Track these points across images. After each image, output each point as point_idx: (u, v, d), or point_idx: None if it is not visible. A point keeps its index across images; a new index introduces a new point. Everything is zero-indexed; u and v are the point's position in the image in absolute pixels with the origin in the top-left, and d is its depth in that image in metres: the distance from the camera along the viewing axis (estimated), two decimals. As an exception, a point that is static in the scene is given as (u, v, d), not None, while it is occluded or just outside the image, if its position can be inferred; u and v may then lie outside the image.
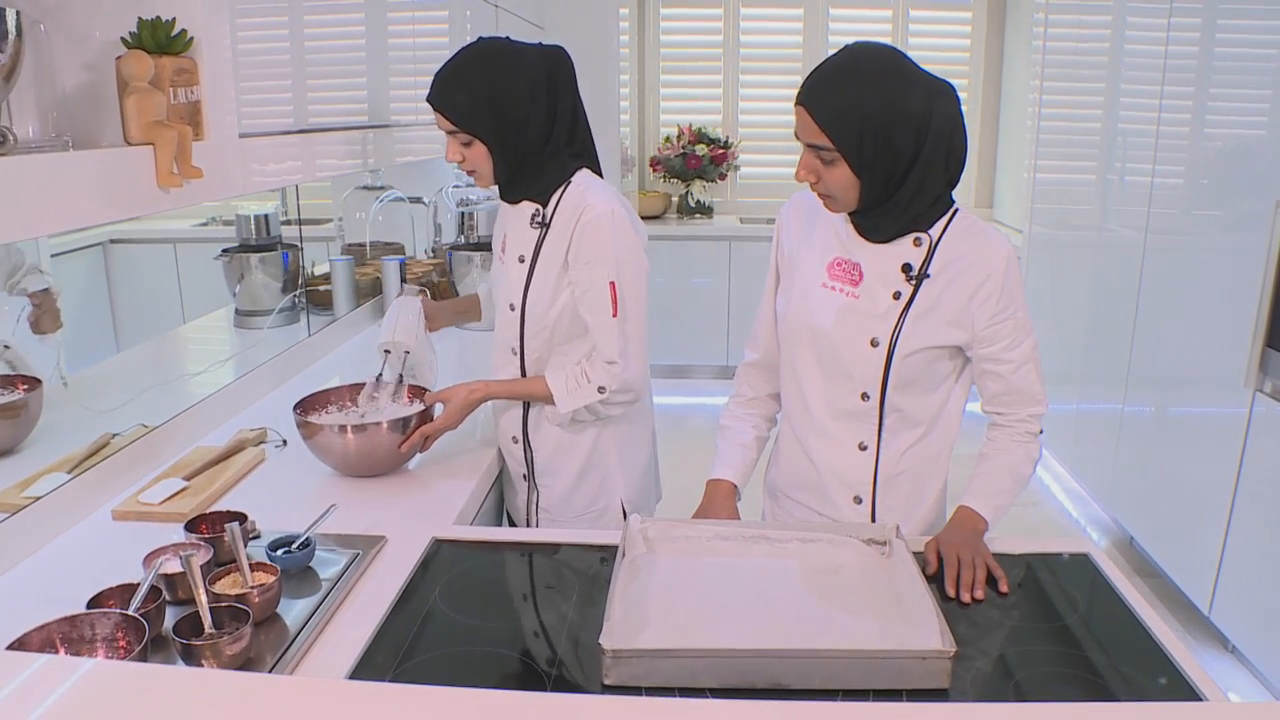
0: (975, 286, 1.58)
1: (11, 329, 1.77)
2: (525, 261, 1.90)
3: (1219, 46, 3.17)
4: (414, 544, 1.59)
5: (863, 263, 1.62)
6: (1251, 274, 2.83)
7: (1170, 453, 3.43)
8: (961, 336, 1.61)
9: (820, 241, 1.68)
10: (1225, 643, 3.11)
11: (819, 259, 1.67)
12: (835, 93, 1.48)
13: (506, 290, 1.94)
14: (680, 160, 5.91)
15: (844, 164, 1.51)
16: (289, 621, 1.35)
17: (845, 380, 1.65)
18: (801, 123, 1.52)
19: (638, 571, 1.43)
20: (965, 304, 1.59)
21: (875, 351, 1.61)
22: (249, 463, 1.95)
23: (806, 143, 1.53)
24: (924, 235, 1.59)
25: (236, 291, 2.73)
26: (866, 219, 1.60)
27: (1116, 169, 3.95)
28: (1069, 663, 1.30)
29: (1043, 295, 4.74)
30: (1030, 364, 1.65)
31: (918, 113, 1.48)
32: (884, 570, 1.46)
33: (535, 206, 1.89)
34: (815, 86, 1.50)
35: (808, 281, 1.67)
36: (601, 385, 1.87)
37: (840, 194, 1.55)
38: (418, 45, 2.56)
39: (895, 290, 1.60)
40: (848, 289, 1.63)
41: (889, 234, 1.60)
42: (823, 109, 1.48)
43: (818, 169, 1.54)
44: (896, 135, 1.48)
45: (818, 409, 1.70)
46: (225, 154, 1.47)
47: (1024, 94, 5.46)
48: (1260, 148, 2.88)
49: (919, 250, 1.59)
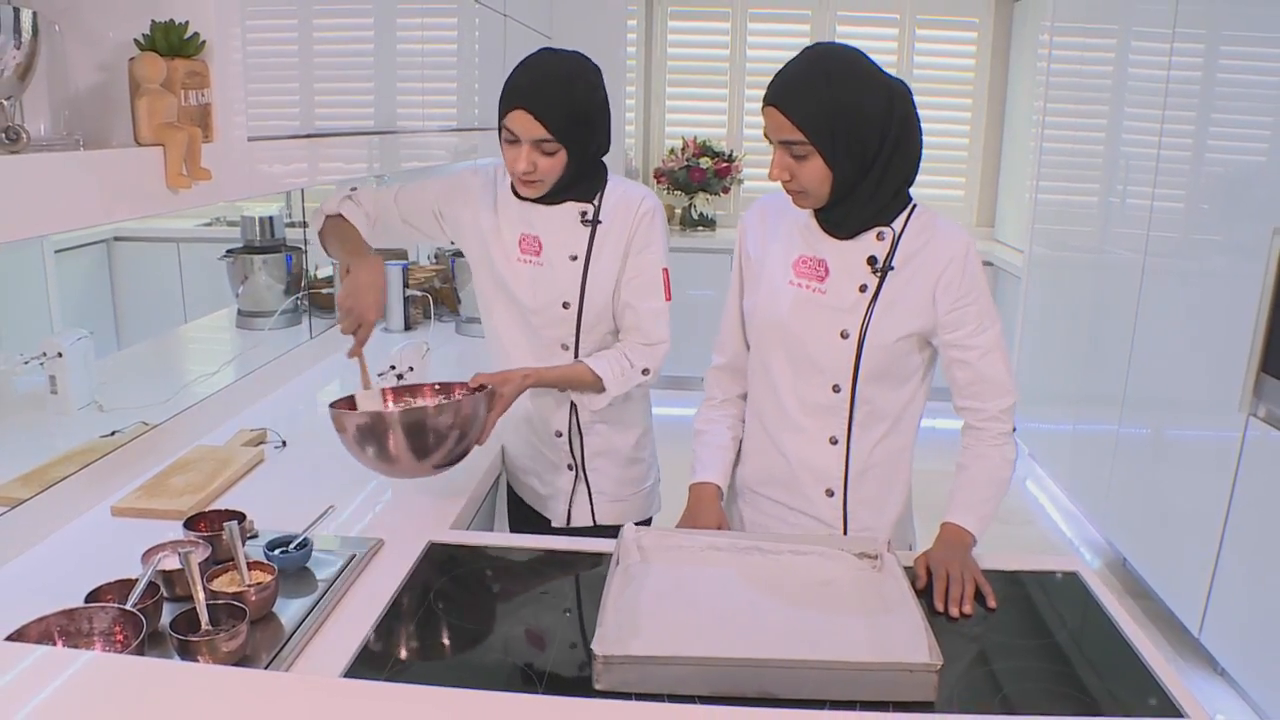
0: (937, 274, 1.64)
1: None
2: (579, 259, 1.92)
3: (1221, 73, 3.19)
4: (410, 547, 1.61)
5: (828, 259, 1.67)
6: (1247, 299, 2.85)
7: (1164, 475, 3.44)
8: (928, 325, 1.67)
9: (785, 241, 1.73)
10: (1215, 665, 3.12)
11: (784, 258, 1.72)
12: (806, 90, 1.54)
13: (553, 289, 1.93)
14: (684, 173, 5.93)
15: (817, 157, 1.56)
16: (285, 620, 1.36)
17: (816, 374, 1.70)
18: (773, 122, 1.57)
19: (631, 579, 1.44)
20: (929, 292, 1.65)
21: (846, 343, 1.66)
22: (248, 462, 1.96)
23: (779, 141, 1.58)
24: (886, 229, 1.65)
25: (239, 292, 2.75)
26: (833, 214, 1.65)
27: (1118, 191, 3.97)
28: (1055, 679, 1.31)
29: (1042, 315, 4.77)
30: (997, 352, 1.69)
31: (881, 108, 1.56)
32: (874, 584, 1.47)
33: (582, 206, 1.91)
34: (785, 86, 1.56)
35: (775, 280, 1.72)
36: (646, 367, 1.95)
37: (814, 188, 1.60)
38: (426, 52, 2.58)
39: (861, 283, 1.65)
40: (814, 285, 1.68)
41: (854, 229, 1.65)
42: (795, 106, 1.54)
43: (791, 166, 1.59)
44: (863, 128, 1.55)
45: (789, 404, 1.74)
46: (234, 156, 1.49)
47: (1027, 114, 5.49)
48: (1260, 174, 2.90)
49: (882, 244, 1.65)
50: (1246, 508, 2.90)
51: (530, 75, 1.79)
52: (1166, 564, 3.41)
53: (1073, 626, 1.46)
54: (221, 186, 1.46)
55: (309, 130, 1.87)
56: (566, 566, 1.60)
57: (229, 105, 1.45)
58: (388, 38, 2.29)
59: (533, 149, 1.80)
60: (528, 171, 1.81)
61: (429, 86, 2.60)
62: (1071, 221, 4.49)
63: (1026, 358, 4.92)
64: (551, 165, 1.82)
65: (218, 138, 1.44)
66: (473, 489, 1.91)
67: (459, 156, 2.91)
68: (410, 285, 3.25)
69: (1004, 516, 4.38)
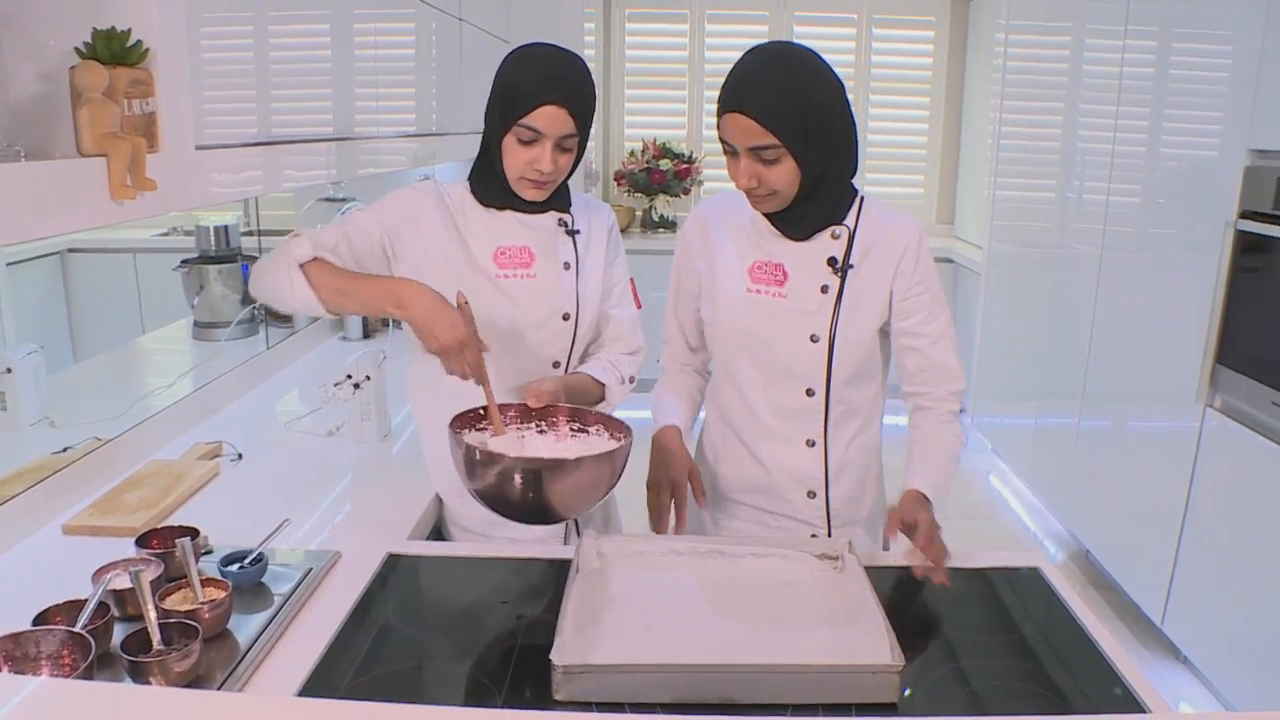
0: (894, 264, 1.64)
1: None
2: (572, 268, 1.81)
3: (1173, 69, 3.23)
4: (368, 559, 1.59)
5: (785, 262, 1.66)
6: (1202, 292, 2.88)
7: (1124, 467, 3.47)
8: (888, 315, 1.67)
9: (735, 248, 1.70)
10: (1177, 654, 3.15)
11: (738, 265, 1.69)
12: (771, 90, 1.50)
13: (553, 301, 1.79)
14: (644, 175, 5.92)
15: (789, 159, 1.54)
16: (240, 638, 1.34)
17: (787, 379, 1.68)
18: (738, 129, 1.53)
19: (590, 586, 1.43)
20: (888, 283, 1.65)
21: (816, 347, 1.65)
22: (203, 476, 1.93)
23: (747, 147, 1.54)
24: (841, 227, 1.64)
25: (195, 303, 2.71)
26: (790, 215, 1.63)
27: (1075, 187, 4.00)
28: (1019, 676, 1.31)
29: (1002, 311, 4.80)
30: (947, 339, 1.69)
31: (840, 101, 1.56)
32: (836, 585, 1.47)
33: (561, 215, 1.81)
34: (748, 88, 1.52)
35: (731, 289, 1.69)
36: (631, 376, 1.89)
37: (784, 189, 1.57)
38: (383, 57, 2.56)
39: (823, 284, 1.64)
40: (774, 290, 1.66)
41: (810, 229, 1.64)
42: (763, 108, 1.50)
43: (759, 172, 1.55)
44: (828, 123, 1.54)
45: (761, 412, 1.72)
46: (181, 166, 1.46)
47: (985, 112, 5.52)
48: (1212, 169, 2.93)
49: (839, 242, 1.64)
50: (1205, 498, 2.93)
51: (557, 68, 1.65)
52: (1128, 555, 3.45)
53: (1036, 621, 1.46)
54: (168, 197, 1.43)
55: (266, 138, 1.84)
56: (527, 575, 1.58)
57: (175, 114, 1.42)
58: (345, 43, 2.26)
59: (554, 146, 1.67)
60: (550, 172, 1.68)
61: (387, 92, 2.57)
62: (1030, 217, 4.53)
63: (987, 353, 4.96)
64: (566, 164, 1.71)
65: (163, 147, 1.41)
66: (430, 498, 1.89)
67: (418, 162, 2.89)
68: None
69: (967, 512, 4.41)
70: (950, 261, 5.69)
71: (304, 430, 2.28)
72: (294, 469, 2.07)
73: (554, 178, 1.71)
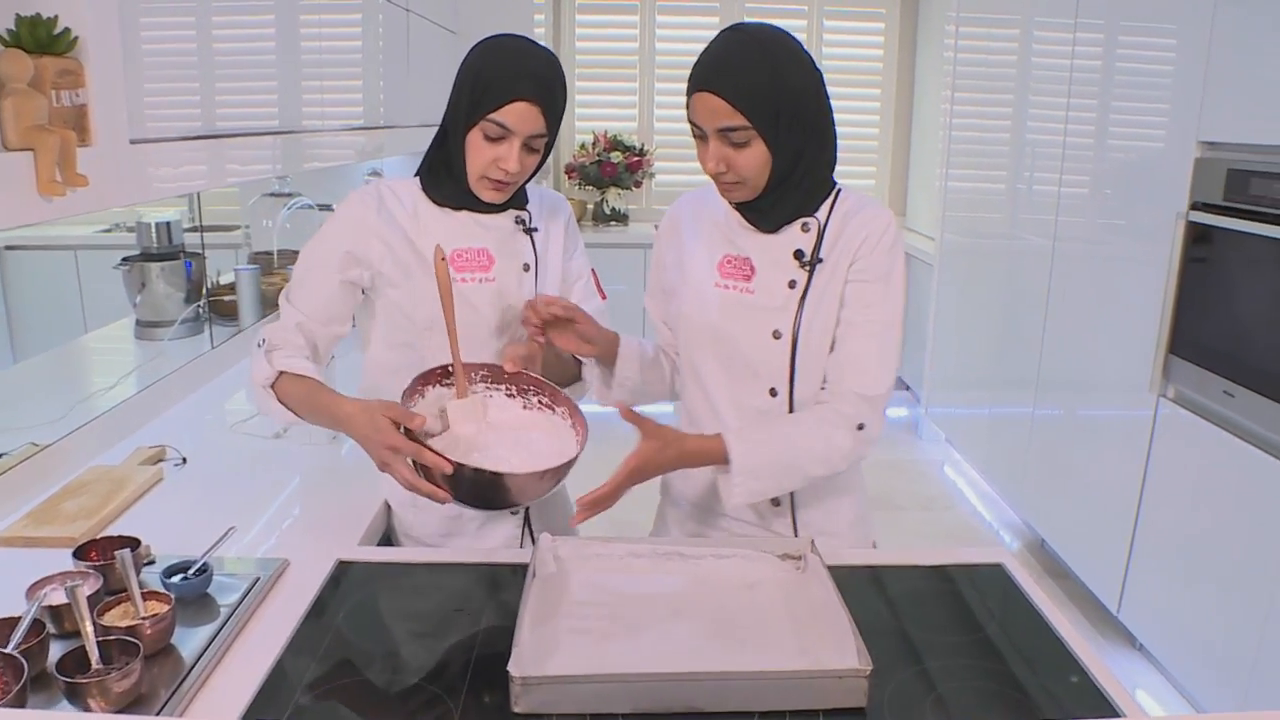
0: (852, 253, 1.57)
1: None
2: (531, 269, 1.74)
3: (1123, 61, 3.25)
4: (318, 567, 1.53)
5: (753, 256, 1.60)
6: (1154, 282, 2.89)
7: (1079, 457, 3.50)
8: None
9: (706, 241, 1.65)
10: (1133, 641, 3.18)
11: (708, 259, 1.64)
12: (743, 70, 1.44)
13: (514, 305, 1.71)
14: (595, 167, 5.88)
15: (759, 142, 1.48)
16: (184, 653, 1.28)
17: (751, 378, 1.61)
18: (706, 109, 1.47)
19: (547, 592, 1.39)
20: (845, 275, 1.58)
21: (779, 344, 1.58)
22: (146, 482, 1.87)
23: (716, 129, 1.47)
24: (811, 220, 1.58)
25: (137, 302, 2.64)
26: (760, 205, 1.57)
27: (1025, 178, 4.02)
28: (987, 677, 1.29)
29: (955, 301, 4.82)
30: (876, 338, 1.56)
31: (814, 86, 1.49)
32: (800, 586, 1.44)
33: (519, 212, 1.74)
34: (720, 67, 1.46)
35: (701, 283, 1.64)
36: None
37: (753, 177, 1.51)
38: (329, 49, 2.49)
39: (790, 279, 1.57)
40: (742, 285, 1.60)
41: (780, 220, 1.57)
42: (734, 88, 1.44)
43: (728, 156, 1.49)
44: (802, 107, 1.48)
45: (725, 411, 1.65)
46: (114, 160, 1.40)
47: (936, 104, 5.55)
48: (1159, 160, 2.95)
49: (808, 235, 1.57)
50: (1160, 486, 2.95)
51: (532, 62, 1.57)
52: (1084, 544, 3.47)
53: (1002, 620, 1.44)
54: (103, 193, 1.36)
55: (210, 130, 1.77)
56: (483, 581, 1.54)
57: (107, 106, 1.36)
58: (290, 34, 2.20)
59: (522, 145, 1.58)
60: (515, 173, 1.60)
61: (333, 84, 2.51)
62: (982, 209, 4.55)
63: (940, 344, 4.98)
64: (530, 164, 1.63)
65: (96, 141, 1.34)
66: (381, 502, 1.84)
67: (365, 156, 2.83)
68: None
69: (924, 503, 4.43)
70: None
71: (250, 432, 2.21)
72: (240, 473, 2.01)
73: (517, 179, 1.63)
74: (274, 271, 3.33)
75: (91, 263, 2.67)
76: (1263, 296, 2.50)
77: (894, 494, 4.50)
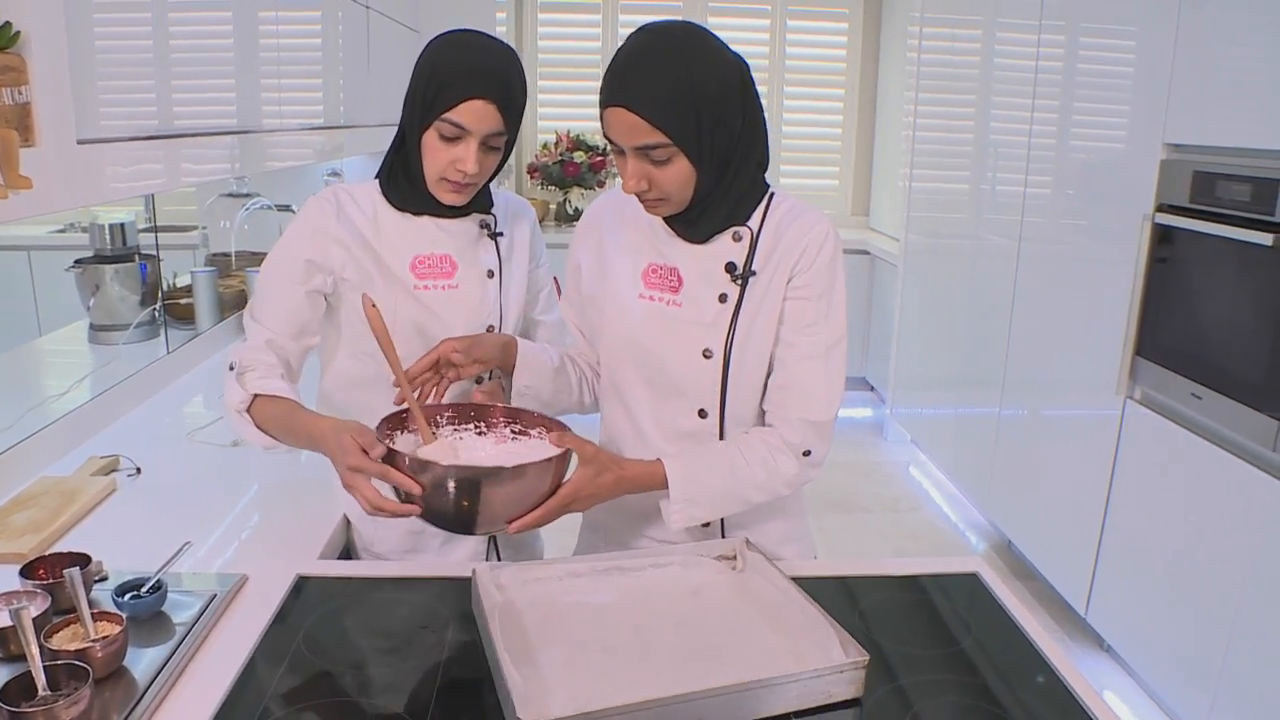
0: (790, 266, 1.45)
1: None
2: (495, 275, 1.69)
3: (1088, 63, 3.25)
4: (277, 582, 1.48)
5: (680, 266, 1.48)
6: (1120, 283, 2.90)
7: (1046, 458, 3.50)
8: None
9: (629, 248, 1.53)
10: (1101, 643, 3.18)
11: (631, 268, 1.52)
12: (657, 80, 1.31)
13: (476, 313, 1.68)
14: (558, 167, 5.84)
15: (681, 157, 1.35)
16: (137, 675, 1.23)
17: (678, 398, 1.50)
18: (621, 124, 1.34)
19: (508, 625, 1.30)
20: (784, 289, 1.46)
21: (710, 364, 1.46)
22: (98, 494, 1.81)
23: (634, 147, 1.35)
24: (743, 228, 1.46)
25: (91, 305, 2.56)
26: (687, 218, 1.45)
27: (989, 179, 4.03)
28: (965, 692, 1.27)
29: (920, 302, 4.82)
30: (820, 362, 1.46)
31: (737, 86, 1.36)
32: (744, 585, 1.42)
33: (484, 216, 1.69)
34: (630, 79, 1.32)
35: (623, 294, 1.52)
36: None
37: (676, 193, 1.39)
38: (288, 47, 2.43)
39: (720, 293, 1.46)
40: (668, 297, 1.48)
41: (710, 230, 1.45)
42: (648, 102, 1.31)
43: (649, 173, 1.37)
44: (725, 113, 1.35)
45: (650, 433, 1.54)
46: (61, 162, 1.34)
47: (899, 104, 5.55)
48: (1125, 161, 2.95)
49: (740, 245, 1.45)
50: (1127, 489, 2.96)
51: (487, 58, 1.51)
52: (1051, 546, 3.47)
53: (978, 633, 1.42)
54: (49, 195, 1.31)
55: (166, 130, 1.71)
56: (448, 596, 1.48)
57: (53, 104, 1.30)
58: (248, 32, 2.14)
59: (480, 145, 1.53)
60: (474, 174, 1.54)
61: (292, 83, 2.45)
62: (946, 209, 4.56)
63: (905, 345, 4.98)
64: (490, 165, 1.57)
65: (41, 141, 1.29)
66: (342, 514, 1.79)
67: (324, 156, 2.77)
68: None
69: (889, 504, 4.42)
70: (866, 254, 5.71)
71: (206, 440, 2.15)
72: (196, 483, 1.95)
73: (476, 180, 1.57)
74: (232, 274, 3.26)
75: (45, 264, 2.60)
76: (1229, 299, 2.50)
77: (859, 496, 4.49)
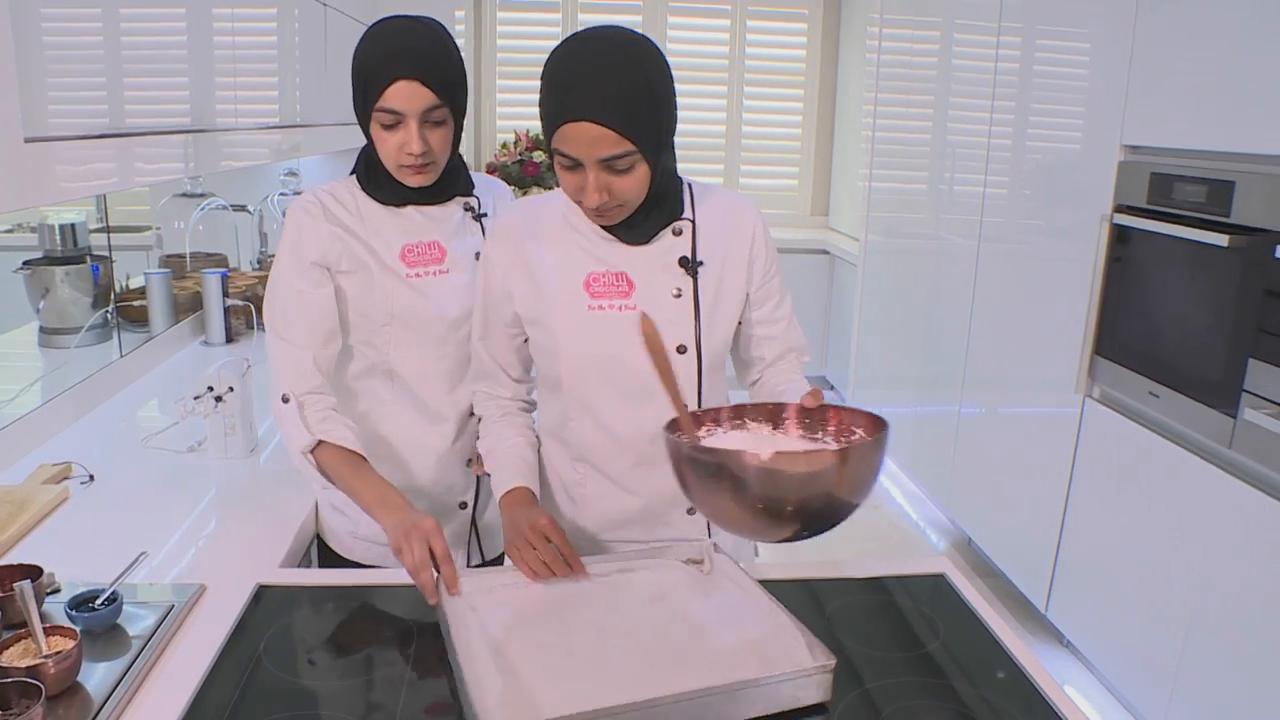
0: (747, 250, 1.53)
1: None
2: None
3: (1043, 65, 3.28)
4: (236, 591, 1.45)
5: (627, 270, 1.48)
6: (1078, 283, 2.92)
7: (1006, 456, 3.53)
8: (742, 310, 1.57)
9: (560, 264, 1.50)
10: (1061, 638, 3.21)
11: (567, 282, 1.49)
12: (616, 87, 1.29)
13: (467, 296, 1.66)
14: (517, 167, 5.80)
15: (641, 163, 1.35)
16: (92, 691, 1.20)
17: (653, 399, 1.43)
18: (583, 138, 1.31)
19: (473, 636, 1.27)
20: (744, 276, 1.53)
21: (685, 359, 1.48)
22: (50, 503, 1.76)
23: (598, 159, 1.32)
24: (682, 222, 1.48)
25: (40, 307, 2.50)
26: (631, 222, 1.45)
27: (948, 179, 4.05)
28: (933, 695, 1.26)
29: (880, 301, 4.84)
30: (794, 318, 1.62)
31: (671, 76, 1.37)
32: (712, 588, 1.40)
33: (467, 199, 1.71)
34: (587, 90, 1.29)
35: (569, 310, 1.49)
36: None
37: (635, 199, 1.39)
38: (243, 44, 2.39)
39: (675, 288, 1.47)
40: (619, 302, 1.47)
41: (654, 230, 1.47)
42: (612, 111, 1.29)
43: (609, 183, 1.35)
44: (673, 109, 1.38)
45: (629, 440, 1.53)
46: (8, 161, 1.30)
47: (859, 105, 5.57)
48: (1083, 162, 2.98)
49: (683, 239, 1.48)
50: (1086, 486, 2.99)
51: (404, 39, 1.52)
52: (1011, 543, 3.50)
53: (945, 635, 1.41)
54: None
55: (119, 129, 1.67)
56: (413, 604, 1.46)
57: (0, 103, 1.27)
58: (202, 28, 2.10)
59: (420, 124, 1.54)
60: (423, 153, 1.55)
61: (247, 81, 2.41)
62: (905, 209, 4.58)
63: (865, 343, 5.01)
64: (441, 140, 1.57)
65: (-12, 141, 1.25)
66: (303, 519, 1.76)
67: (281, 156, 2.73)
68: (230, 294, 3.03)
69: (852, 503, 4.42)
70: (826, 253, 5.74)
71: (162, 446, 2.11)
72: (152, 491, 1.91)
73: (432, 158, 1.57)
74: (187, 275, 3.21)
75: (-6, 265, 2.54)
76: (1186, 299, 2.53)
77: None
